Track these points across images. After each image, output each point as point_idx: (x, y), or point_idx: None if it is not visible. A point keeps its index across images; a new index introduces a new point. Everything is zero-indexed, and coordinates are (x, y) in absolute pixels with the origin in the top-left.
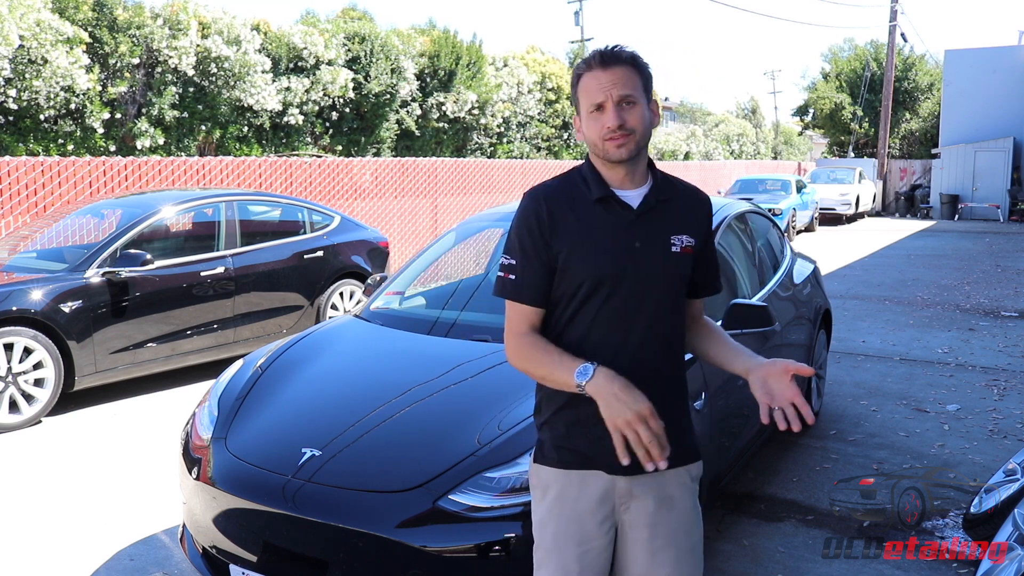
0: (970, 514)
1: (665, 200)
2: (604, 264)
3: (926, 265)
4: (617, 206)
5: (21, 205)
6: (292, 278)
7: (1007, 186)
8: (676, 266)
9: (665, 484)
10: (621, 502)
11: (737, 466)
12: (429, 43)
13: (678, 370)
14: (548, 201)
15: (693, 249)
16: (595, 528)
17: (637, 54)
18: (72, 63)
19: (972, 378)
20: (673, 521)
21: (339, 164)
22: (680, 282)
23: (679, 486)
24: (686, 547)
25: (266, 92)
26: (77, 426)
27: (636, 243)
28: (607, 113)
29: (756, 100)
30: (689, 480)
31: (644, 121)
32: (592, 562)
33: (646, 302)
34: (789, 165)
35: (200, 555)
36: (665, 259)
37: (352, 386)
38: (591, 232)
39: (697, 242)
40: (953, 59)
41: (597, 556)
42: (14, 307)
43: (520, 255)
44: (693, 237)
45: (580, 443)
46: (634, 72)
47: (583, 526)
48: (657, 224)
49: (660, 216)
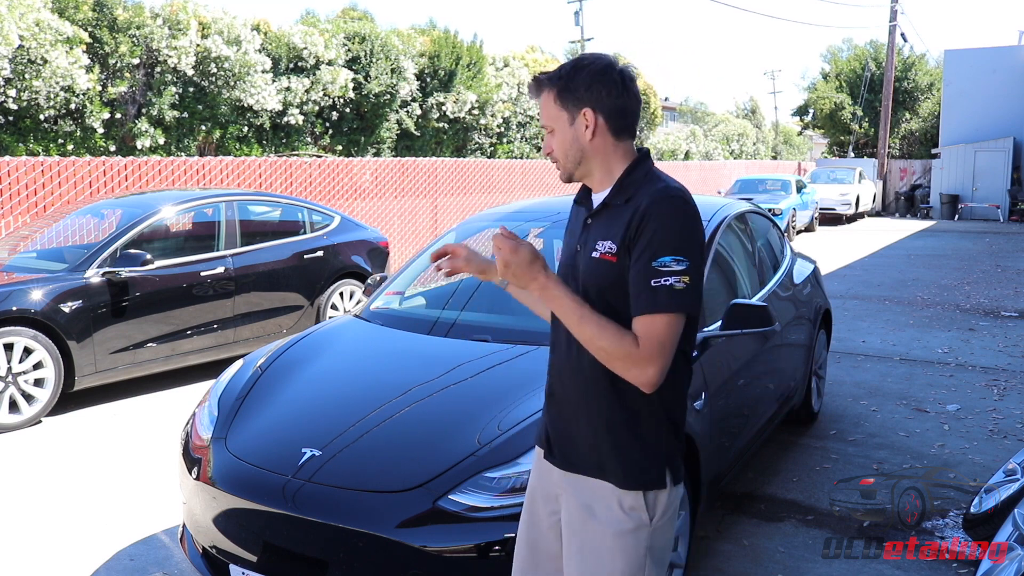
0: (970, 514)
1: (616, 205)
2: (563, 262)
3: (926, 265)
4: (585, 208)
5: (21, 205)
6: (292, 278)
7: (1007, 186)
8: (595, 273)
9: (587, 492)
10: (558, 492)
11: (737, 466)
12: (429, 43)
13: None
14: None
15: (615, 257)
16: (541, 506)
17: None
18: (72, 63)
19: (972, 378)
20: (589, 535)
21: (339, 164)
22: (603, 291)
23: (603, 503)
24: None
25: (266, 92)
26: (77, 426)
27: (577, 245)
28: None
29: (756, 100)
30: (617, 505)
31: (563, 145)
32: (540, 538)
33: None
34: (789, 165)
35: (200, 555)
36: (587, 264)
37: (352, 386)
38: (567, 233)
39: (621, 250)
40: (953, 59)
41: (545, 533)
42: (14, 307)
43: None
44: (616, 244)
45: (541, 420)
46: (549, 95)
47: (534, 499)
48: (596, 229)
49: (602, 221)
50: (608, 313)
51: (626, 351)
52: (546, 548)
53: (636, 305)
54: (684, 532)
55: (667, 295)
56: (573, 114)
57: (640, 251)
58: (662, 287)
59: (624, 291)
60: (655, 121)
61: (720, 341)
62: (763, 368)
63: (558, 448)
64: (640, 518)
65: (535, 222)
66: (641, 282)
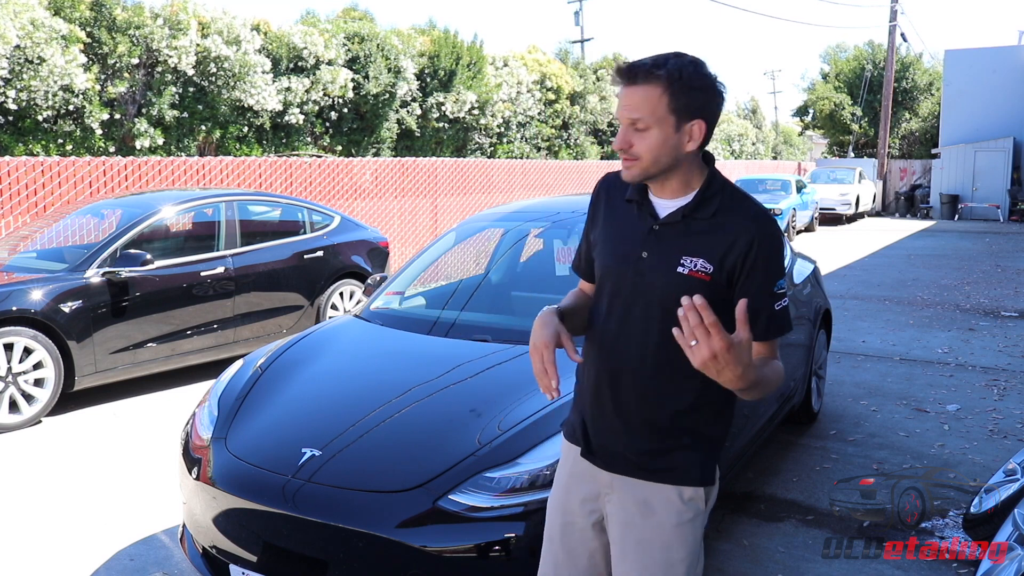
0: (970, 514)
1: (702, 217)
2: (609, 262)
3: (926, 265)
4: (646, 211)
5: (21, 205)
6: (292, 278)
7: (1007, 186)
8: (679, 288)
9: (644, 491)
10: (604, 492)
11: (737, 466)
12: (429, 43)
13: (682, 393)
14: (602, 189)
15: (710, 276)
16: (577, 505)
17: (669, 68)
18: (69, 61)
19: (972, 378)
20: (648, 530)
21: (339, 164)
22: None
23: (662, 498)
24: (660, 560)
25: (266, 92)
26: (77, 426)
27: (644, 253)
28: (619, 130)
29: (756, 100)
30: (678, 498)
31: (655, 149)
32: (573, 536)
33: (648, 314)
34: (789, 165)
35: (200, 555)
36: (667, 278)
37: (352, 386)
38: (614, 229)
39: (718, 271)
40: (953, 59)
41: (578, 532)
42: (14, 307)
43: (583, 232)
44: (711, 263)
45: (574, 417)
46: (655, 91)
47: (568, 497)
48: (675, 239)
49: (683, 232)
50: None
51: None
52: (583, 544)
53: (764, 327)
54: None
55: (786, 317)
56: (683, 121)
57: (761, 276)
58: (783, 309)
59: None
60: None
61: None
62: None
63: (605, 450)
64: (698, 507)
65: (535, 222)
66: (767, 306)
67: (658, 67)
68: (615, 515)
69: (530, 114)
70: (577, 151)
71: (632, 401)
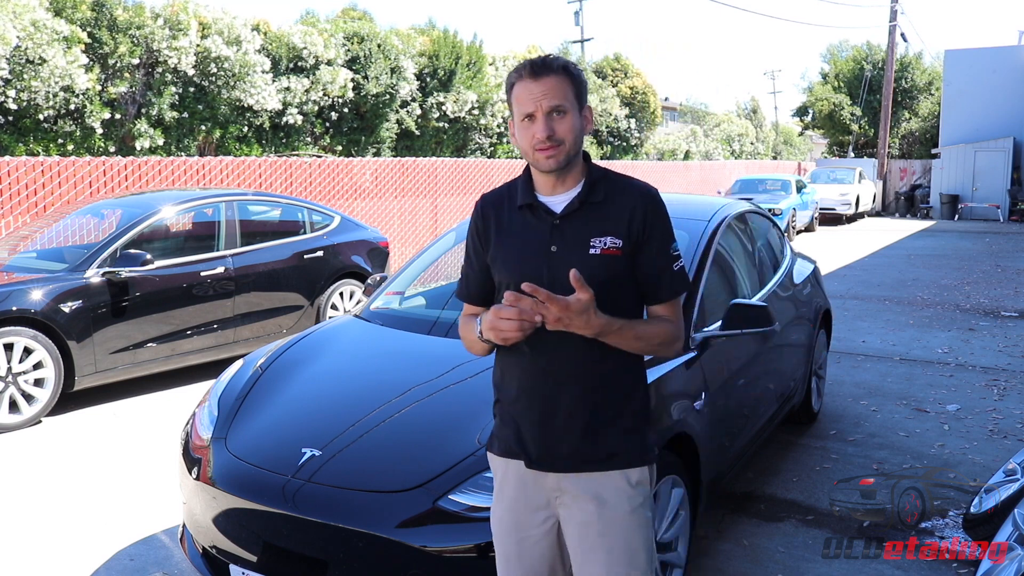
0: (970, 514)
1: (596, 202)
2: (516, 269)
3: (926, 265)
4: (542, 212)
5: (21, 205)
6: (292, 278)
7: (1007, 186)
8: (596, 269)
9: (594, 484)
10: (554, 496)
11: (737, 466)
12: (429, 43)
13: (614, 371)
14: (485, 207)
15: (620, 251)
16: (529, 517)
17: (569, 63)
18: (70, 62)
19: (972, 378)
20: (605, 522)
21: (339, 164)
22: (608, 285)
23: (612, 488)
24: (621, 548)
25: (266, 92)
26: (77, 426)
27: (552, 247)
28: (537, 124)
29: (756, 100)
30: (626, 484)
31: (574, 130)
32: (530, 550)
33: None
34: (789, 165)
35: (200, 555)
36: (582, 262)
37: (352, 386)
38: (512, 238)
39: (626, 243)
40: (953, 59)
41: (535, 544)
42: (14, 307)
43: (466, 259)
44: (620, 238)
45: (506, 432)
46: (565, 81)
47: (517, 514)
48: (579, 227)
49: (584, 219)
50: (610, 304)
51: (672, 334)
52: (540, 556)
53: (663, 289)
54: (684, 532)
55: (684, 277)
56: (580, 107)
57: (657, 242)
58: (681, 269)
59: (626, 282)
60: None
61: (720, 341)
62: (763, 368)
63: (549, 453)
64: (645, 491)
65: None
66: (665, 268)
67: (558, 62)
68: (570, 516)
69: None
70: None
71: (575, 394)
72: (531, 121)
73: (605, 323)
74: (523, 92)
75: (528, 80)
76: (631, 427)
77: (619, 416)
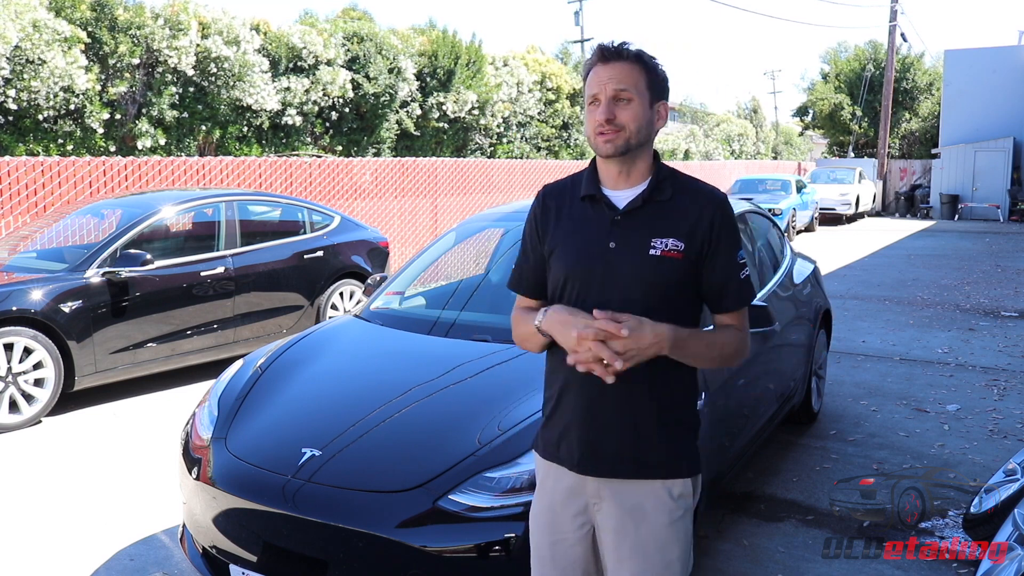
0: (970, 514)
1: (661, 201)
2: (574, 262)
3: (926, 265)
4: (603, 205)
5: (21, 205)
6: (292, 278)
7: (1007, 186)
8: (654, 270)
9: (635, 493)
10: (592, 502)
11: (737, 466)
12: (428, 43)
13: (664, 374)
14: (546, 199)
15: (682, 254)
16: (567, 521)
17: (644, 53)
18: (70, 63)
19: (972, 378)
20: (642, 533)
21: (339, 164)
22: (666, 288)
23: (653, 499)
24: (657, 562)
25: (266, 92)
26: (77, 426)
27: (611, 243)
28: (599, 107)
29: (756, 100)
30: (668, 496)
31: (638, 119)
32: (564, 553)
33: (629, 298)
34: (789, 165)
35: (200, 555)
36: (641, 262)
37: (352, 386)
38: (572, 230)
39: (689, 247)
40: (953, 59)
41: (570, 549)
42: (14, 307)
43: (522, 249)
44: (683, 241)
45: (550, 434)
46: (636, 69)
47: (555, 516)
48: (640, 225)
49: (647, 217)
50: (667, 309)
51: (740, 344)
52: (573, 560)
53: (729, 298)
54: None
55: (750, 286)
56: (654, 100)
57: (725, 250)
58: (747, 278)
59: (688, 287)
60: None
61: None
62: (763, 368)
63: (592, 454)
64: (687, 504)
65: None
66: (732, 277)
67: (631, 49)
68: (606, 523)
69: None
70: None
71: (630, 394)
72: (595, 105)
73: (671, 330)
74: (593, 76)
75: (598, 64)
76: (677, 436)
77: (665, 424)
